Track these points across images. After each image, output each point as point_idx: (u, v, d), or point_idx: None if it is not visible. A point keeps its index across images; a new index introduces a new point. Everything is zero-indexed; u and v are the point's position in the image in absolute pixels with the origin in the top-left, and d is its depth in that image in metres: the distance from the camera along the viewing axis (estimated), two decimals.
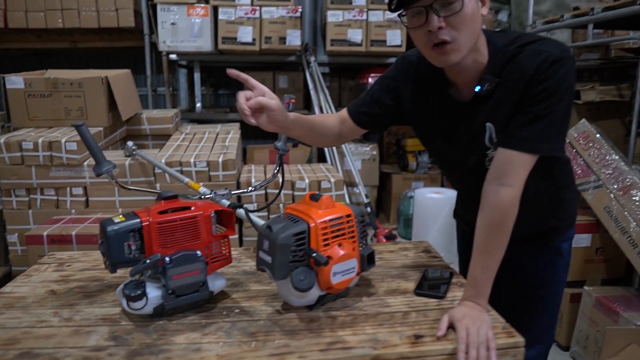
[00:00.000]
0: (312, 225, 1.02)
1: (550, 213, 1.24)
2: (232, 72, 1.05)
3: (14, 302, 1.15)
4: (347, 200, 3.55)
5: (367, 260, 1.13)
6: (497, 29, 4.35)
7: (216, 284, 1.11)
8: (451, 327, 1.00)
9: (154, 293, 1.03)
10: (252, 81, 1.04)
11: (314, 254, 1.01)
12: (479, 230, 1.06)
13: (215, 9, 3.70)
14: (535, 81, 1.00)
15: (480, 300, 1.04)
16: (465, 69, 1.07)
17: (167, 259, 1.02)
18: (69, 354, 0.92)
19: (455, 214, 1.49)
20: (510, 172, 1.03)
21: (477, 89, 1.07)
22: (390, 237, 3.60)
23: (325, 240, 1.03)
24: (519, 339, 1.00)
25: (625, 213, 2.15)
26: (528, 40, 1.04)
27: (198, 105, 4.33)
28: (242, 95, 1.01)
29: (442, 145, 1.22)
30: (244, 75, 1.04)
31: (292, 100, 1.53)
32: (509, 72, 1.04)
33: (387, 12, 3.76)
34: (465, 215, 1.41)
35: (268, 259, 1.02)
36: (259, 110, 1.03)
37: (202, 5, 3.65)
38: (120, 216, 1.05)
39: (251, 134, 4.84)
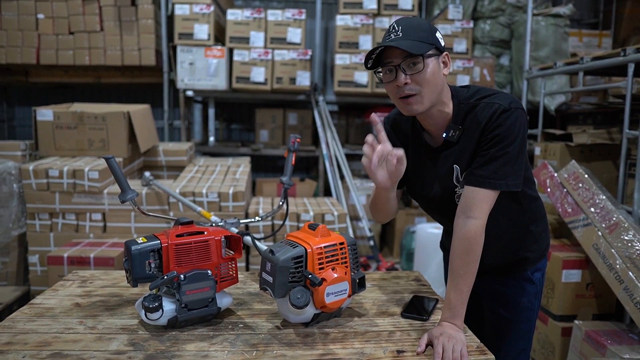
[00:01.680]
0: (309, 250, 1.17)
1: (522, 245, 1.38)
2: (374, 119, 1.17)
3: (44, 312, 1.30)
4: (351, 234, 3.68)
5: (358, 283, 1.26)
6: (498, 71, 4.56)
7: (223, 301, 1.26)
8: (430, 344, 1.13)
9: (168, 306, 1.17)
10: (384, 135, 1.18)
11: (310, 276, 1.15)
12: (452, 257, 1.21)
13: (230, 51, 3.97)
14: (488, 129, 1.20)
15: (456, 321, 1.17)
16: (433, 117, 1.27)
17: (182, 276, 1.17)
18: (94, 356, 1.06)
19: (441, 244, 1.63)
20: (474, 206, 1.19)
21: (445, 135, 1.27)
22: (392, 271, 3.70)
23: (320, 264, 1.18)
24: (491, 356, 1.12)
25: (612, 250, 2.25)
26: (485, 94, 1.24)
27: (211, 139, 4.56)
28: (370, 146, 1.15)
29: (421, 186, 1.38)
30: (380, 128, 1.18)
31: (298, 140, 1.71)
32: (470, 121, 1.24)
33: None
34: (448, 245, 1.56)
35: (269, 279, 1.16)
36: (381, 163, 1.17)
37: (219, 47, 3.92)
38: (143, 238, 1.21)
39: (261, 168, 5.05)
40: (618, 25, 4.96)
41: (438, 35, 1.21)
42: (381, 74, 1.23)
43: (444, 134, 1.27)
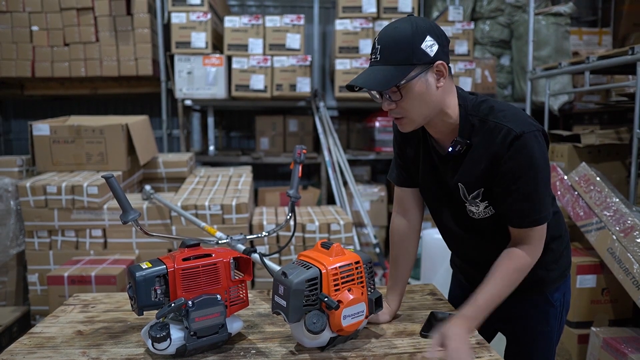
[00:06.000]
0: (323, 271, 1.11)
1: (540, 264, 1.25)
2: None
3: (44, 342, 1.23)
4: (356, 241, 3.62)
5: (375, 303, 1.20)
6: (499, 71, 4.50)
7: (234, 326, 1.19)
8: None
9: (176, 335, 1.11)
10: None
11: (326, 299, 1.09)
12: (498, 269, 1.16)
13: (229, 59, 3.91)
14: (503, 158, 1.11)
15: (472, 324, 1.13)
16: (436, 126, 1.20)
17: (190, 302, 1.10)
18: None
19: (451, 262, 1.56)
20: (524, 241, 1.17)
21: (450, 149, 1.19)
22: None
23: (335, 285, 1.11)
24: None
25: (628, 255, 2.19)
26: (494, 110, 1.15)
27: (211, 148, 4.49)
28: None
29: (430, 188, 1.31)
30: None
31: (304, 151, 1.65)
32: (477, 140, 1.16)
33: None
34: (458, 262, 1.48)
35: (283, 303, 1.10)
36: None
37: (217, 55, 3.86)
38: (147, 262, 1.14)
39: (262, 176, 4.98)
40: (617, 22, 4.92)
41: (426, 44, 1.07)
42: (375, 92, 1.15)
43: (450, 148, 1.18)
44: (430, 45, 1.08)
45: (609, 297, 2.42)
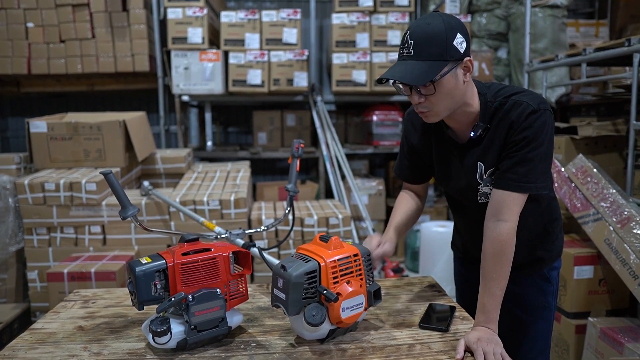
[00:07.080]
0: (322, 264, 1.12)
1: (539, 245, 1.37)
2: None
3: (45, 338, 1.24)
4: (355, 234, 3.63)
5: (374, 295, 1.21)
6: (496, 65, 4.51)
7: (234, 320, 1.20)
8: (467, 350, 1.11)
9: (177, 328, 1.11)
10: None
11: (325, 291, 1.10)
12: (483, 261, 1.19)
13: (226, 54, 3.91)
14: (516, 129, 1.17)
15: (490, 325, 1.15)
16: (457, 117, 1.24)
17: (190, 296, 1.11)
18: None
19: (452, 244, 1.62)
20: (504, 209, 1.18)
21: (472, 134, 1.24)
22: (397, 271, 3.66)
23: (334, 278, 1.12)
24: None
25: (625, 245, 2.21)
26: (512, 92, 1.22)
27: (209, 143, 4.49)
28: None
29: (447, 178, 1.37)
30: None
31: (302, 145, 1.66)
32: (497, 120, 1.21)
33: (390, 53, 3.94)
34: (460, 244, 1.55)
35: (282, 296, 1.10)
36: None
37: (214, 50, 3.86)
38: (147, 257, 1.15)
39: (260, 171, 4.98)
40: (614, 14, 4.92)
41: (457, 41, 1.11)
42: (400, 86, 1.19)
43: (472, 133, 1.24)
44: (460, 42, 1.12)
45: (606, 287, 2.44)
